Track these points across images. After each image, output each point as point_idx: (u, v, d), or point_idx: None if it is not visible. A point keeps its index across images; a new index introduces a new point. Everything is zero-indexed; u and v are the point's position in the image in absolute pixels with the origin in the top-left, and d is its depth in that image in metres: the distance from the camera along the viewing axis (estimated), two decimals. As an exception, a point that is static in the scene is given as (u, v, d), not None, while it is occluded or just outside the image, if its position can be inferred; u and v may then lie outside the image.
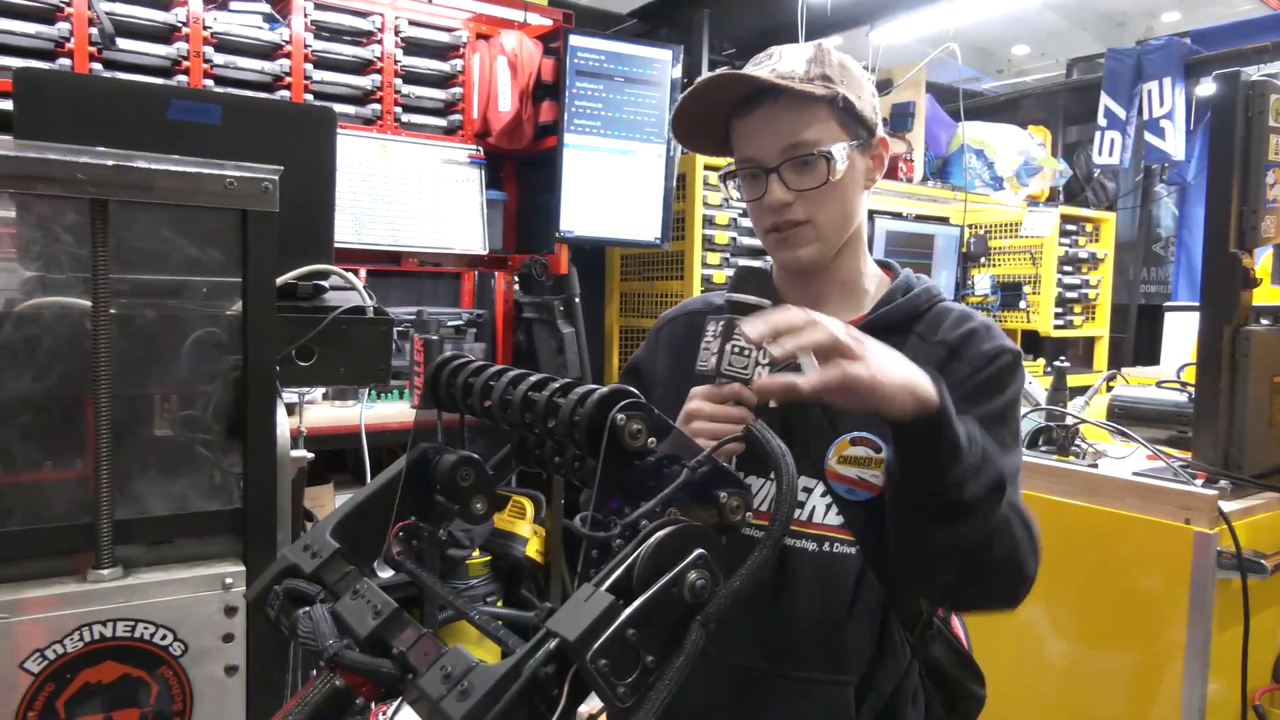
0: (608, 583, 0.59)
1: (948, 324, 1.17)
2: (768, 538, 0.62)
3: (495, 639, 0.68)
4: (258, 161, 1.14)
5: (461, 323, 3.46)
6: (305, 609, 0.71)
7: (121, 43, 2.68)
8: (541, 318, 3.65)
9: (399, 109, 3.15)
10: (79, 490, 1.12)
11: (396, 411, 3.10)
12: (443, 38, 3.23)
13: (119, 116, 1.33)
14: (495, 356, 3.66)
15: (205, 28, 2.78)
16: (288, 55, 2.93)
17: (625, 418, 0.66)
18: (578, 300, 3.48)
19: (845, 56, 1.15)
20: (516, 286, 3.76)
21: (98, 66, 2.65)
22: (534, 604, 3.36)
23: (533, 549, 3.34)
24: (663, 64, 3.40)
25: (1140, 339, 5.77)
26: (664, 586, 0.59)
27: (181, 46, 2.75)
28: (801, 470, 0.67)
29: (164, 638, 1.09)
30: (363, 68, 3.10)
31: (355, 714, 0.67)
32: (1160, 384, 2.42)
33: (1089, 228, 4.99)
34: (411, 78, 3.18)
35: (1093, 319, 5.04)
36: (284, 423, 1.23)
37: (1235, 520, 1.74)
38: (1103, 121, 5.37)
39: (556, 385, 0.72)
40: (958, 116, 4.68)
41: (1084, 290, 4.91)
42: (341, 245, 2.82)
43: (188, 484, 1.19)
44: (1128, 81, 5.28)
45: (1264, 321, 1.93)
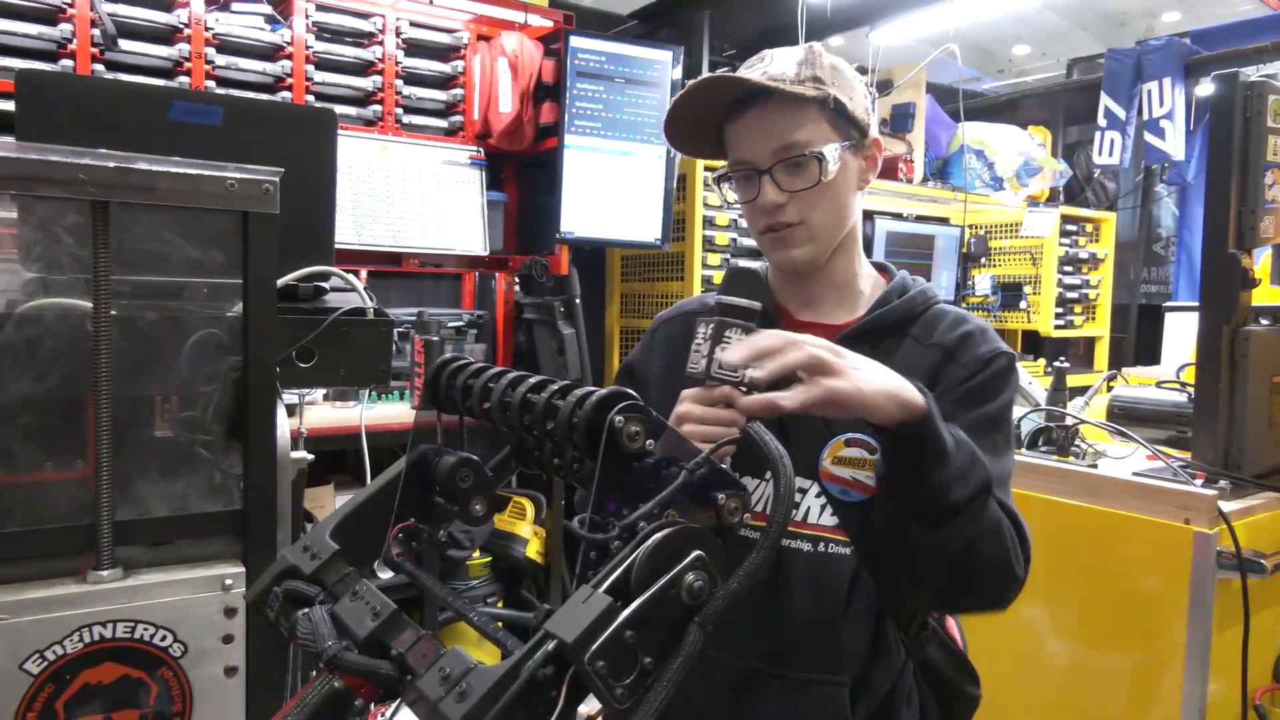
0: (606, 584, 0.59)
1: (943, 326, 1.17)
2: (765, 540, 0.62)
3: (494, 640, 0.68)
4: (259, 163, 1.14)
5: (462, 324, 3.46)
6: (305, 610, 0.71)
7: (123, 44, 2.68)
8: (542, 319, 3.65)
9: (400, 110, 3.16)
10: (79, 491, 1.12)
11: (397, 412, 3.10)
12: (444, 39, 3.24)
13: (120, 118, 1.34)
14: (496, 357, 3.66)
15: (207, 29, 2.79)
16: (289, 56, 2.93)
17: (623, 420, 0.66)
18: (578, 301, 3.48)
19: (837, 58, 1.16)
20: (517, 287, 3.76)
21: (100, 67, 2.65)
22: (534, 605, 3.35)
23: (533, 550, 3.34)
24: (663, 65, 3.40)
25: (1141, 339, 5.77)
26: (662, 588, 0.59)
27: (183, 48, 2.76)
28: (796, 471, 0.67)
29: (164, 639, 1.10)
30: (364, 69, 3.10)
31: (354, 715, 0.67)
32: (1160, 384, 2.42)
33: (1089, 228, 4.99)
34: (412, 79, 3.18)
35: (1093, 319, 5.04)
36: (284, 424, 1.23)
37: (1235, 520, 1.74)
38: (1103, 122, 5.37)
39: (555, 387, 0.72)
40: (958, 117, 4.68)
41: (1084, 290, 4.91)
42: (342, 246, 2.82)
43: (188, 485, 1.19)
44: (1127, 82, 5.28)
45: (1263, 321, 1.93)
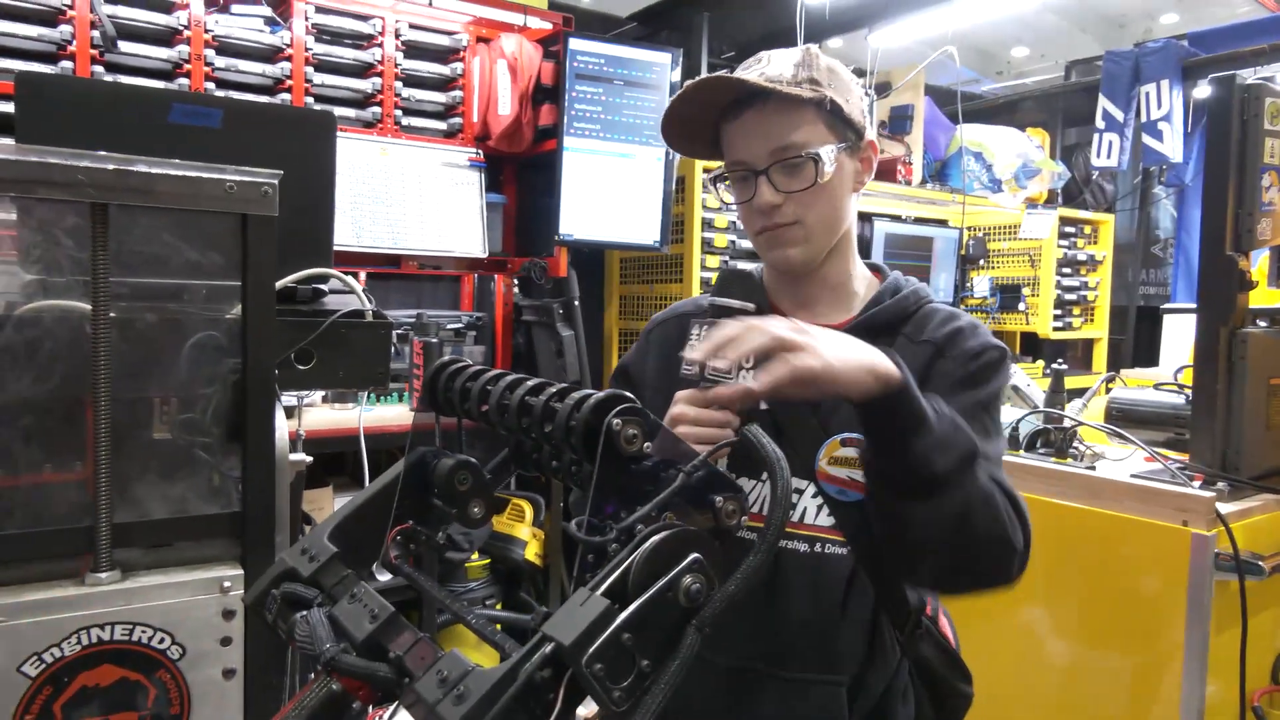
0: (603, 587, 0.59)
1: (934, 323, 1.18)
2: (762, 542, 0.62)
3: (491, 643, 0.68)
4: (258, 165, 1.15)
5: (461, 326, 3.46)
6: (303, 613, 0.71)
7: (123, 45, 2.68)
8: (541, 321, 3.65)
9: (399, 112, 3.16)
10: (78, 493, 1.12)
11: (395, 414, 3.10)
12: (443, 41, 3.24)
13: (120, 120, 1.34)
14: (495, 359, 3.67)
15: (206, 31, 2.79)
16: (288, 58, 2.94)
17: (621, 423, 0.66)
18: (577, 303, 3.49)
19: (834, 61, 1.16)
20: (516, 289, 3.76)
21: (99, 69, 2.65)
22: (532, 607, 3.35)
23: (532, 552, 3.33)
24: (662, 67, 3.40)
25: (1139, 341, 5.77)
26: (659, 591, 0.59)
27: (183, 49, 2.76)
28: (792, 471, 0.67)
29: (162, 641, 1.10)
30: (363, 71, 3.11)
31: (352, 718, 0.67)
32: (1158, 386, 2.43)
33: (1087, 230, 5.00)
34: (412, 81, 3.18)
35: (1091, 321, 5.04)
36: (283, 426, 1.23)
37: (1233, 522, 1.74)
38: (1101, 124, 5.37)
39: (553, 390, 0.72)
40: (956, 119, 4.69)
41: (1083, 292, 4.91)
42: (341, 248, 2.83)
43: (186, 487, 1.19)
44: (1125, 84, 5.29)
45: (1261, 324, 1.93)
